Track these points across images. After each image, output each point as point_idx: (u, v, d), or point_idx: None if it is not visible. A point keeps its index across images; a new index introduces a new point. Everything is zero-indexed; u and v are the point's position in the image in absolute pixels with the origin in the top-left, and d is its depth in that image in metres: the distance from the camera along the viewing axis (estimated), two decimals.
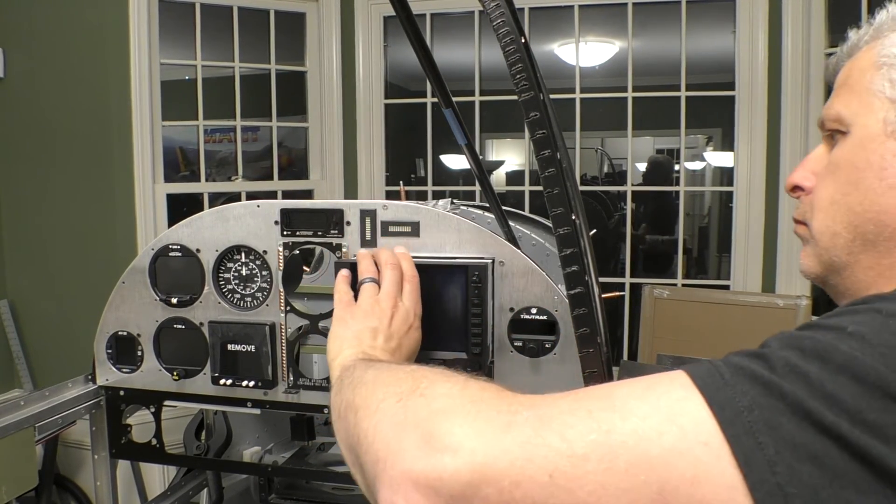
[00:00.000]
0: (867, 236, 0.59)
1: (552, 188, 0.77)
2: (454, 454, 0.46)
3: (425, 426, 0.49)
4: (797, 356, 0.43)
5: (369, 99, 2.97)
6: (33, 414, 1.11)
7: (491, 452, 0.45)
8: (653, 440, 0.43)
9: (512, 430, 0.46)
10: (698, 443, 0.42)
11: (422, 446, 0.48)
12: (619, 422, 0.44)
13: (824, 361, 0.42)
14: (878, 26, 0.62)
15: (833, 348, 0.42)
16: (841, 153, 0.62)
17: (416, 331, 0.90)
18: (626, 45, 2.84)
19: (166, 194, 2.60)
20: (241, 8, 2.75)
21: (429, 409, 0.51)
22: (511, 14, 0.75)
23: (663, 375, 0.47)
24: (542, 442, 0.45)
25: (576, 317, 0.81)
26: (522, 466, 0.44)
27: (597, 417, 0.45)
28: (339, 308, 0.90)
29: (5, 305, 2.59)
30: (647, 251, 4.22)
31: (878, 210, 0.58)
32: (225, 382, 1.10)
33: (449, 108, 1.03)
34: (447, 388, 0.53)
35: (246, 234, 1.09)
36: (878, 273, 0.60)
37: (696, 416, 0.43)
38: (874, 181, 0.58)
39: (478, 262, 0.98)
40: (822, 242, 0.64)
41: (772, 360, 0.43)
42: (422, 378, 0.56)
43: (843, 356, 0.42)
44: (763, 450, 0.40)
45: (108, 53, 2.46)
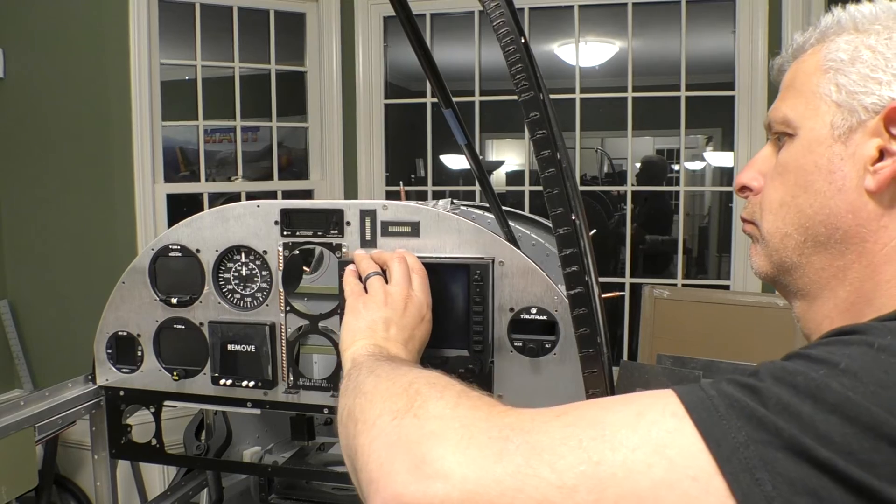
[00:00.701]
0: (818, 238, 0.60)
1: (552, 188, 0.77)
2: (445, 481, 0.47)
3: (417, 450, 0.50)
4: (790, 394, 0.43)
5: (369, 99, 2.97)
6: (33, 414, 1.11)
7: (482, 481, 0.46)
8: (642, 473, 0.43)
9: (503, 459, 0.47)
10: (687, 476, 0.42)
11: (413, 471, 0.48)
12: (609, 453, 0.45)
13: (816, 401, 0.42)
14: (823, 29, 0.63)
15: (825, 387, 0.42)
16: (789, 155, 0.62)
17: (428, 322, 0.90)
18: (626, 45, 2.84)
19: (166, 194, 2.60)
20: (241, 8, 2.75)
21: (421, 431, 0.51)
22: (511, 14, 0.75)
23: (654, 398, 0.47)
24: (532, 472, 0.45)
25: (576, 317, 0.81)
26: (513, 496, 0.45)
27: (587, 448, 0.45)
28: (352, 299, 0.90)
29: (5, 305, 2.59)
30: (644, 251, 4.22)
31: (828, 213, 0.59)
32: (225, 382, 1.10)
33: (449, 108, 1.03)
34: (440, 408, 0.54)
35: (246, 234, 1.09)
36: (830, 274, 0.60)
37: (688, 450, 0.43)
38: (823, 184, 0.59)
39: (480, 261, 0.98)
40: (772, 243, 0.64)
41: (765, 396, 0.43)
42: (416, 394, 0.57)
43: (836, 396, 0.42)
44: (761, 486, 0.41)
45: (108, 53, 2.46)
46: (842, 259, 0.59)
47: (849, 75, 0.58)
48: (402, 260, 0.93)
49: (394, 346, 0.82)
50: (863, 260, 0.58)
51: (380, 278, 0.91)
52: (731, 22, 2.68)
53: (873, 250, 0.57)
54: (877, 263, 0.57)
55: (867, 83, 0.57)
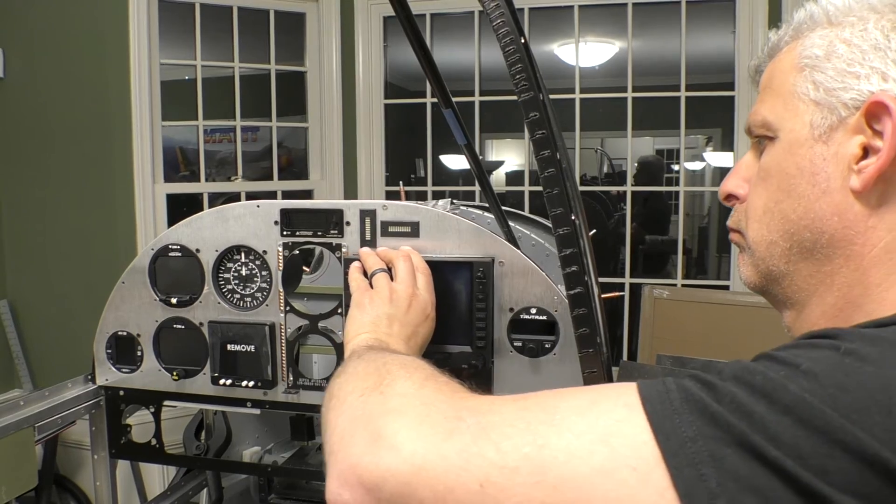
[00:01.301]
0: (804, 244, 0.58)
1: (552, 188, 0.77)
2: (396, 453, 0.48)
3: (376, 424, 0.51)
4: (746, 393, 0.42)
5: (369, 99, 2.96)
6: (33, 414, 1.11)
7: (430, 457, 0.47)
8: (583, 458, 0.43)
9: (453, 437, 0.47)
10: (627, 465, 0.42)
11: (368, 443, 0.50)
12: (555, 437, 0.45)
13: (771, 401, 0.41)
14: (797, 26, 0.61)
15: (781, 388, 0.41)
16: (771, 159, 0.60)
17: (432, 321, 0.90)
18: (625, 46, 2.84)
19: (166, 194, 2.60)
20: (241, 8, 2.75)
21: (383, 407, 0.53)
22: (511, 14, 0.75)
23: (613, 389, 0.47)
24: (478, 451, 0.46)
25: (575, 317, 0.81)
26: (457, 473, 0.45)
27: (534, 431, 0.46)
28: (358, 293, 0.91)
29: (5, 305, 2.59)
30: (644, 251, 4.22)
31: (813, 217, 0.56)
32: (225, 382, 1.10)
33: (449, 108, 1.03)
34: (405, 387, 0.55)
35: (246, 234, 1.09)
36: (818, 281, 0.58)
37: (633, 440, 0.43)
38: (807, 187, 0.57)
39: (482, 259, 0.98)
40: (758, 252, 0.62)
41: (721, 393, 0.43)
42: (386, 374, 0.58)
43: (791, 397, 0.41)
44: (705, 482, 0.40)
45: (108, 53, 2.46)
46: (829, 264, 0.57)
47: (825, 71, 0.56)
48: (407, 258, 0.94)
49: (395, 341, 0.83)
50: (850, 264, 0.56)
51: (385, 275, 0.92)
52: (731, 22, 2.68)
53: (861, 253, 0.55)
54: (865, 267, 0.55)
55: (845, 78, 0.55)
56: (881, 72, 0.53)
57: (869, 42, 0.55)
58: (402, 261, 0.93)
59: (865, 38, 0.55)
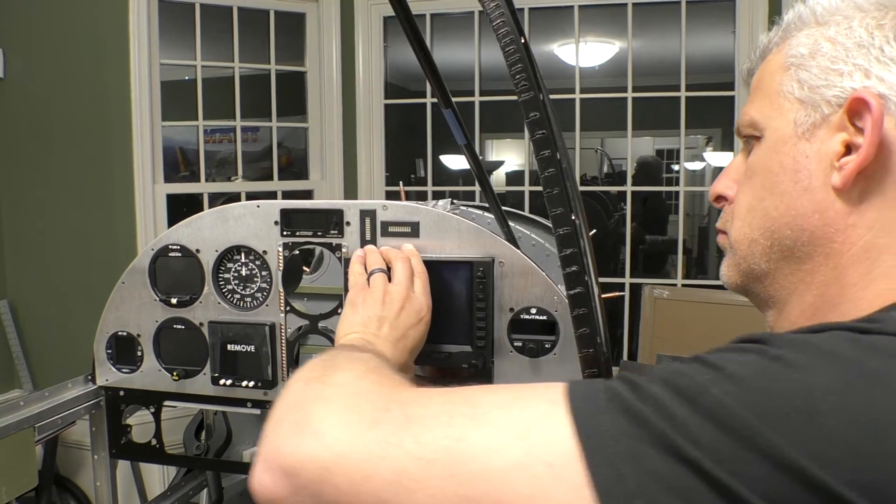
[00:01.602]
0: (784, 242, 0.57)
1: (552, 188, 0.77)
2: (318, 440, 0.48)
3: (306, 411, 0.51)
4: (670, 395, 0.42)
5: (369, 99, 2.96)
6: (33, 414, 1.11)
7: (351, 445, 0.47)
8: (498, 453, 0.43)
9: (375, 427, 0.47)
10: (542, 462, 0.42)
11: (294, 429, 0.50)
12: (473, 431, 0.45)
13: (694, 404, 0.41)
14: (786, 27, 0.61)
15: (704, 391, 0.41)
16: (756, 158, 0.60)
17: (425, 324, 0.90)
18: (625, 46, 2.84)
19: (166, 194, 2.60)
20: (241, 8, 2.75)
21: (317, 395, 0.53)
22: (511, 14, 0.75)
23: (541, 387, 0.47)
24: (397, 442, 0.46)
25: (575, 317, 0.81)
26: (376, 463, 0.45)
27: (455, 423, 0.46)
28: (353, 292, 0.91)
29: (5, 305, 2.59)
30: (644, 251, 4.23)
31: (794, 214, 0.56)
32: (225, 383, 1.10)
33: (449, 108, 1.03)
34: (344, 377, 0.55)
35: (246, 234, 1.09)
36: (798, 279, 0.58)
37: (552, 436, 0.43)
38: (789, 185, 0.57)
39: (482, 259, 0.98)
40: (740, 251, 0.62)
41: (646, 394, 0.43)
42: (332, 366, 0.58)
43: (713, 401, 0.40)
44: (624, 481, 0.40)
45: (108, 54, 2.46)
46: (809, 262, 0.57)
47: (810, 70, 0.56)
48: (406, 260, 0.94)
49: (383, 343, 0.83)
50: (829, 262, 0.55)
51: (383, 276, 0.92)
52: (731, 22, 2.68)
53: (840, 251, 0.55)
54: (843, 266, 0.55)
55: (828, 76, 0.55)
56: (864, 69, 0.53)
57: (853, 40, 0.55)
58: (401, 262, 0.93)
59: (850, 36, 0.55)
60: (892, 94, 0.52)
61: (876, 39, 0.54)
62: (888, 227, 0.53)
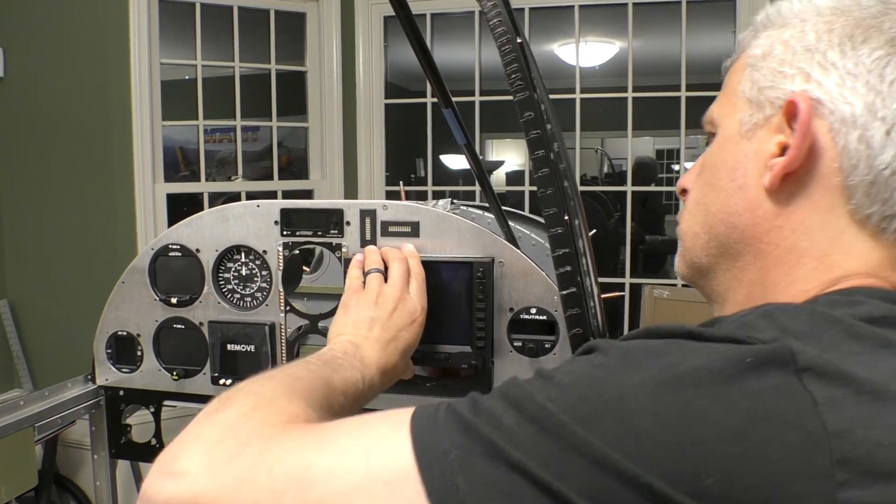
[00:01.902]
0: (720, 238, 0.59)
1: (546, 188, 0.77)
2: (177, 479, 0.48)
3: (177, 447, 0.51)
4: (501, 405, 0.44)
5: (369, 99, 2.96)
6: (33, 414, 1.11)
7: (208, 482, 0.47)
8: (341, 477, 0.44)
9: (233, 462, 0.48)
10: (380, 480, 0.43)
11: (162, 468, 0.50)
12: (320, 457, 0.46)
13: (520, 411, 0.43)
14: (756, 27, 0.61)
15: (529, 398, 0.43)
16: (707, 154, 0.62)
17: (419, 326, 0.90)
18: (626, 45, 2.84)
19: (166, 194, 2.60)
20: (241, 8, 2.75)
21: (196, 430, 0.53)
22: (507, 14, 0.75)
23: (392, 412, 0.48)
24: (252, 476, 0.46)
25: (569, 317, 0.81)
26: (230, 499, 0.46)
27: (306, 453, 0.47)
28: (347, 294, 0.91)
29: (5, 305, 2.59)
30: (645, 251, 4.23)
31: (727, 211, 0.57)
32: (225, 382, 1.10)
33: (449, 108, 1.03)
34: (229, 414, 0.54)
35: (246, 234, 1.09)
36: (732, 276, 0.59)
37: (390, 454, 0.44)
38: (727, 182, 0.58)
39: (482, 259, 0.98)
40: (685, 243, 0.64)
41: (480, 408, 0.44)
42: (229, 399, 0.57)
43: (536, 407, 0.42)
44: (458, 492, 0.41)
45: (109, 53, 2.46)
46: (741, 260, 0.58)
47: (760, 70, 0.57)
48: (402, 261, 0.94)
49: (372, 345, 0.83)
50: (757, 262, 0.56)
51: (379, 276, 0.92)
52: (732, 22, 2.68)
53: (766, 252, 0.55)
54: (768, 266, 0.55)
55: (775, 78, 0.55)
56: (806, 72, 0.54)
57: (803, 43, 0.55)
58: (397, 263, 0.93)
59: (801, 40, 0.55)
60: (827, 99, 0.52)
61: (822, 44, 0.54)
62: (811, 230, 0.53)
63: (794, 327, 0.44)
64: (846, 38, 0.53)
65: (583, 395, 0.42)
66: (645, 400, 0.40)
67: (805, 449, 0.38)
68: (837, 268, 0.52)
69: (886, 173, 0.50)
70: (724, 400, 0.40)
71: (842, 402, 0.39)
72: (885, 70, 0.51)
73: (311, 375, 0.68)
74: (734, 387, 0.40)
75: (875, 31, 0.52)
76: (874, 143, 0.50)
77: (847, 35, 0.53)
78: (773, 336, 0.43)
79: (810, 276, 0.53)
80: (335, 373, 0.73)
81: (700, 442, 0.38)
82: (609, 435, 0.40)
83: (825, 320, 0.45)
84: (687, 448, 0.38)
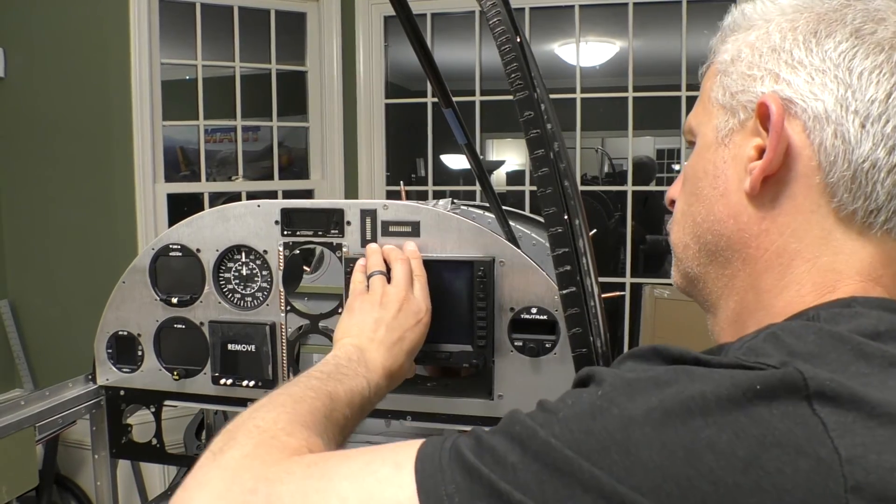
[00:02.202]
0: (709, 247, 0.58)
1: (545, 188, 0.77)
2: None
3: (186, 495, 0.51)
4: (505, 442, 0.43)
5: (369, 99, 2.96)
6: (33, 414, 1.11)
7: None
8: None
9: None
10: None
11: None
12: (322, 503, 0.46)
13: (524, 449, 0.42)
14: (724, 31, 0.61)
15: (533, 435, 0.43)
16: (689, 164, 0.61)
17: (424, 326, 0.90)
18: (626, 45, 2.84)
19: (167, 194, 2.60)
20: (242, 8, 2.75)
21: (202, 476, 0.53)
22: (507, 13, 0.75)
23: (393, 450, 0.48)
24: None
25: (568, 316, 0.81)
26: None
27: (309, 500, 0.47)
28: (352, 297, 0.91)
29: (5, 305, 2.59)
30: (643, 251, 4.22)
31: (713, 220, 0.57)
32: (225, 382, 1.10)
33: (449, 108, 1.03)
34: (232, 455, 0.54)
35: (246, 233, 1.09)
36: (723, 284, 0.59)
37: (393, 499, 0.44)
38: (709, 190, 0.57)
39: (483, 259, 0.99)
40: (677, 254, 0.63)
41: (484, 447, 0.44)
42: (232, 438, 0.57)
43: (539, 443, 0.42)
44: None
45: (109, 53, 2.46)
46: (729, 267, 0.57)
47: (731, 76, 0.56)
48: (405, 262, 0.94)
49: (377, 347, 0.83)
50: (747, 268, 0.56)
51: (382, 278, 0.92)
52: None
53: (755, 257, 0.55)
54: (759, 271, 0.55)
55: (745, 81, 0.55)
56: (774, 73, 0.53)
57: (768, 44, 0.54)
58: (400, 264, 0.93)
59: (766, 41, 0.55)
60: (797, 98, 0.52)
61: (787, 43, 0.53)
62: (798, 232, 0.52)
63: (802, 349, 0.44)
64: (810, 35, 0.52)
65: (587, 428, 0.42)
66: (651, 431, 0.40)
67: (818, 476, 0.37)
68: (829, 269, 0.52)
69: (866, 166, 0.50)
70: (732, 428, 0.39)
71: (853, 427, 0.39)
72: (853, 63, 0.50)
73: (312, 394, 0.67)
74: (743, 414, 0.39)
75: (838, 25, 0.52)
76: (850, 137, 0.50)
77: (811, 31, 0.53)
78: (782, 360, 0.43)
79: (803, 279, 0.52)
80: (340, 384, 0.72)
81: (709, 472, 0.38)
82: (616, 468, 0.39)
83: (831, 339, 0.44)
84: (696, 479, 0.38)
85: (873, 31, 0.51)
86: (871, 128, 0.50)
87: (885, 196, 0.50)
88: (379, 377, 0.80)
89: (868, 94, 0.50)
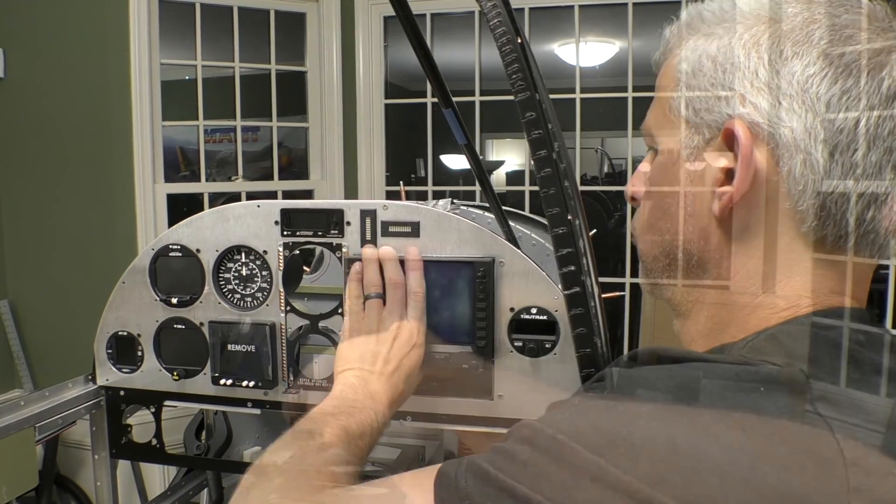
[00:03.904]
0: (679, 263, 0.58)
1: (548, 188, 0.77)
2: None
3: None
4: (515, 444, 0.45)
5: (369, 99, 2.96)
6: (33, 414, 1.11)
7: None
8: None
9: None
10: None
11: None
12: None
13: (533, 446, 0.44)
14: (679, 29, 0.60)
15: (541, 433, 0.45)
16: (653, 174, 0.61)
17: (419, 347, 0.92)
18: (626, 45, 2.84)
19: (166, 194, 2.60)
20: (241, 8, 2.75)
21: None
22: (507, 14, 0.75)
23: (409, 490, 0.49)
24: None
25: (572, 316, 0.81)
26: None
27: None
28: (349, 319, 0.94)
29: (5, 305, 2.59)
30: None
31: (683, 239, 0.57)
32: (225, 382, 1.10)
33: (449, 108, 1.03)
34: None
35: (246, 234, 1.09)
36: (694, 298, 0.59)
37: None
38: (677, 209, 0.57)
39: (482, 259, 0.99)
40: (645, 264, 0.64)
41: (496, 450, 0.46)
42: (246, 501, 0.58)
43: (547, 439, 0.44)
44: None
45: (109, 53, 2.46)
46: (700, 283, 0.57)
47: (693, 90, 0.55)
48: (399, 287, 0.94)
49: (378, 378, 0.86)
50: (718, 286, 0.56)
51: (378, 304, 0.93)
52: None
53: (726, 276, 0.55)
54: (731, 291, 0.55)
55: (709, 100, 0.54)
56: (740, 94, 0.52)
57: (731, 60, 0.53)
58: (395, 290, 0.94)
59: (728, 56, 0.53)
60: (765, 123, 0.50)
61: (751, 62, 0.52)
62: (770, 254, 0.52)
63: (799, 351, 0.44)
64: (776, 54, 0.51)
65: (594, 423, 0.43)
66: (657, 425, 0.41)
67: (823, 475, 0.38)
68: (803, 287, 0.51)
69: (835, 196, 0.49)
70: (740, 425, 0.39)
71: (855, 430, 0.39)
72: (820, 89, 0.49)
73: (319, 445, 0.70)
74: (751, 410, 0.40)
75: (804, 45, 0.50)
76: (819, 167, 0.49)
77: (776, 50, 0.51)
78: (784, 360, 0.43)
79: (776, 301, 0.52)
80: (352, 418, 0.75)
81: (716, 466, 0.38)
82: (622, 460, 0.40)
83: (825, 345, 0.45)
84: (702, 472, 0.38)
85: (841, 55, 0.49)
86: (839, 157, 0.49)
87: (854, 222, 0.49)
88: (384, 407, 0.82)
89: (837, 124, 0.49)
